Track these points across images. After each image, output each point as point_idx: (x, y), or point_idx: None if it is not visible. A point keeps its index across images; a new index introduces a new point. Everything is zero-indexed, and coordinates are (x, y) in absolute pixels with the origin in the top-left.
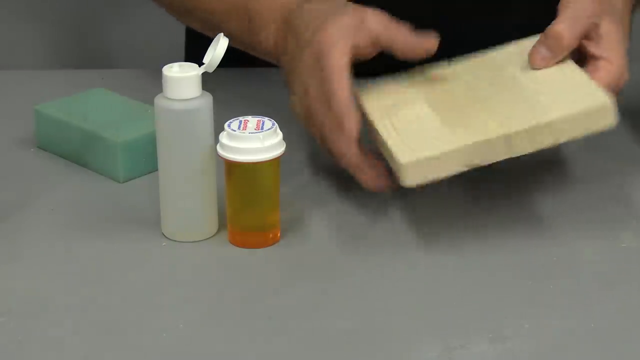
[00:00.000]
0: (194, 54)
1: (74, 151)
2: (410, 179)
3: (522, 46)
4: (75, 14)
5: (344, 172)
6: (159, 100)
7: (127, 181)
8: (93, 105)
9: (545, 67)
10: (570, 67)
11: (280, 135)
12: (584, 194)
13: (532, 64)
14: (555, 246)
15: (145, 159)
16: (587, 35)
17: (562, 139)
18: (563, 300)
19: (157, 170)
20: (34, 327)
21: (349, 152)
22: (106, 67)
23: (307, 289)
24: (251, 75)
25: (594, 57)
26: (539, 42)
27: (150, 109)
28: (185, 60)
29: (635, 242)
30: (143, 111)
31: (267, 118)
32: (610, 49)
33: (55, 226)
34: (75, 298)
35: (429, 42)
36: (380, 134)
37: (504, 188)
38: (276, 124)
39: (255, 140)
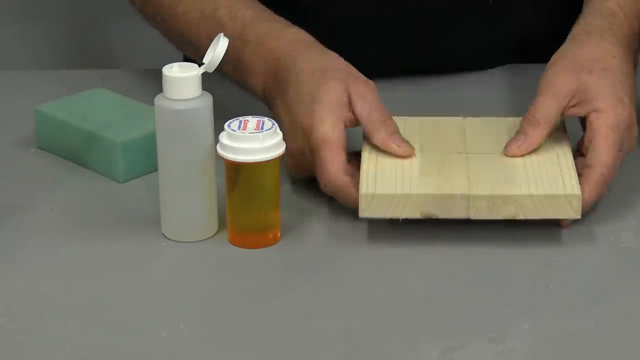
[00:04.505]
0: None
1: (74, 151)
2: (366, 210)
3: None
4: (75, 14)
5: None
6: (159, 100)
7: (127, 181)
8: (93, 105)
9: (521, 154)
10: (564, 151)
11: (280, 135)
12: None
13: (506, 153)
14: (555, 246)
15: (145, 159)
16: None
17: (522, 215)
18: (563, 300)
19: (157, 170)
20: (34, 327)
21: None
22: (106, 67)
23: (306, 289)
24: None
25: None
26: (518, 132)
27: (150, 109)
28: (185, 61)
29: (635, 242)
30: (143, 111)
31: (267, 118)
32: (592, 150)
33: (55, 226)
34: (75, 298)
35: (404, 151)
36: (362, 162)
37: None
38: (276, 124)
39: (255, 140)
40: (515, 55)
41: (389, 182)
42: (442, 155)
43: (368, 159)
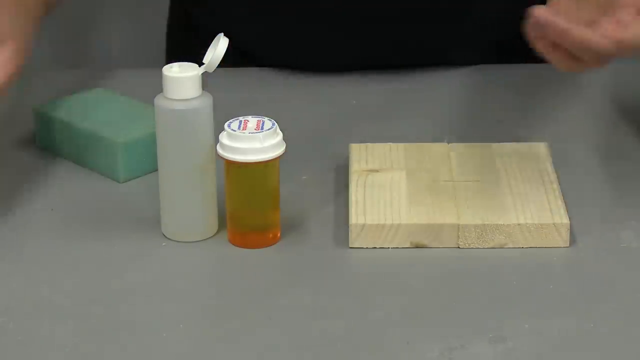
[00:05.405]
0: (175, 53)
1: (74, 151)
2: (356, 240)
3: (524, 147)
4: (75, 14)
5: (344, 172)
6: (159, 100)
7: (127, 181)
8: (93, 105)
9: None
10: (550, 179)
11: (280, 135)
12: (584, 193)
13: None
14: (555, 246)
15: (145, 159)
16: None
17: (511, 244)
18: (563, 300)
19: (157, 170)
20: (34, 327)
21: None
22: (106, 67)
23: (306, 289)
24: (251, 75)
25: None
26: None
27: (150, 109)
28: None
29: (635, 242)
30: (143, 111)
31: (267, 118)
32: None
33: (55, 226)
34: (75, 298)
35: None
36: (350, 193)
37: None
38: (276, 124)
39: (255, 140)
40: (490, 55)
41: (378, 212)
42: (429, 183)
43: (356, 188)
